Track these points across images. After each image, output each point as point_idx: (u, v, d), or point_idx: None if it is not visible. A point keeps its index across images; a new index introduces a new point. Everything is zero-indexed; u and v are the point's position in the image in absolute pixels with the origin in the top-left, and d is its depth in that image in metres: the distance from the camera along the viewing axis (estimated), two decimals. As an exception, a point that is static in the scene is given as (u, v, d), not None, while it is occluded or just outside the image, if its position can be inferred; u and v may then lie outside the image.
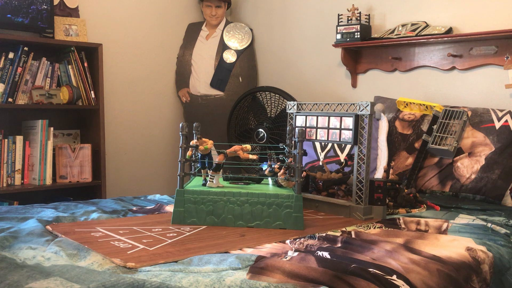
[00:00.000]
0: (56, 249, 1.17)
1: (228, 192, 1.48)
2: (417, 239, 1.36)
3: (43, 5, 2.82)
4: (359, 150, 1.63)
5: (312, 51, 3.24)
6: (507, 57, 2.37)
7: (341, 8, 2.93)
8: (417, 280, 1.09)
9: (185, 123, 1.54)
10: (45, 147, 2.79)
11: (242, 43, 3.51)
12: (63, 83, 2.95)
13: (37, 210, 1.63)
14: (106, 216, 1.58)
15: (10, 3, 2.71)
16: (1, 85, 2.69)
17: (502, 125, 2.13)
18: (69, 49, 2.91)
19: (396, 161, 2.29)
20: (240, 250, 1.22)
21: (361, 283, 1.01)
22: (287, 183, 1.56)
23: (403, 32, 2.62)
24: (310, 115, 1.78)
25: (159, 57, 3.40)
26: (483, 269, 1.27)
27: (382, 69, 2.87)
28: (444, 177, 2.15)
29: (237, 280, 0.96)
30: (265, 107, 3.14)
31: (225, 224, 1.47)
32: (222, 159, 1.53)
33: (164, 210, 1.71)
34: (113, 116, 3.17)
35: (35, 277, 0.95)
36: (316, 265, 1.09)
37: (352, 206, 1.64)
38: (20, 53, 2.73)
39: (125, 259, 1.10)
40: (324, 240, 1.34)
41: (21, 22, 2.76)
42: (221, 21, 3.51)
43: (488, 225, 1.55)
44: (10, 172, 2.72)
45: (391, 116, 2.45)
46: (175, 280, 0.96)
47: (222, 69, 3.42)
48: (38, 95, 2.79)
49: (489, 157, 2.08)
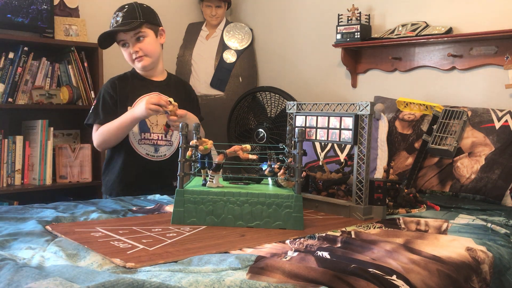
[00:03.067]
0: (56, 249, 1.17)
1: (228, 192, 1.48)
2: (417, 239, 1.36)
3: (43, 5, 2.82)
4: (359, 150, 1.63)
5: (312, 51, 3.24)
6: (507, 57, 2.37)
7: (341, 8, 2.93)
8: (417, 280, 1.09)
9: (185, 123, 1.54)
10: (45, 147, 2.79)
11: (242, 43, 3.51)
12: (63, 83, 2.95)
13: (36, 210, 1.63)
14: (106, 216, 1.58)
15: (10, 3, 2.71)
16: (1, 85, 2.69)
17: (502, 125, 2.13)
18: (69, 49, 2.91)
19: (396, 161, 2.29)
20: (240, 250, 1.22)
21: (361, 283, 1.01)
22: (287, 183, 1.56)
23: (403, 32, 2.62)
24: (310, 115, 1.78)
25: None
26: (483, 269, 1.27)
27: (382, 69, 2.87)
28: (444, 177, 2.15)
29: (237, 280, 0.96)
30: (265, 107, 3.14)
31: (225, 224, 1.47)
32: (222, 159, 1.53)
33: (164, 210, 1.71)
34: (113, 116, 3.16)
35: (34, 277, 0.95)
36: (316, 265, 1.09)
37: (352, 206, 1.64)
38: (20, 53, 2.73)
39: (125, 259, 1.10)
40: (324, 240, 1.34)
41: (21, 22, 2.76)
42: (221, 21, 3.51)
43: (488, 225, 1.55)
44: (10, 172, 2.72)
45: (391, 116, 2.45)
46: (174, 280, 0.96)
47: (222, 69, 3.42)
48: (38, 95, 2.79)
49: (489, 157, 2.08)
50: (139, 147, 2.14)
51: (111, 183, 2.20)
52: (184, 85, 2.36)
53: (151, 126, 2.16)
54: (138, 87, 2.18)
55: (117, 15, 2.11)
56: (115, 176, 2.18)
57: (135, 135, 2.14)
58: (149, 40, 2.13)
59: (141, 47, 2.12)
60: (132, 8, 2.11)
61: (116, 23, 2.09)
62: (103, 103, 2.15)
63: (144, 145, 2.15)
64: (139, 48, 2.11)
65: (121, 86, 2.17)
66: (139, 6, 2.14)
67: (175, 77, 2.36)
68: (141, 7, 2.13)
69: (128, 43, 2.12)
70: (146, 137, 2.15)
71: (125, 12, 2.10)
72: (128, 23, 2.07)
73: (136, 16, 2.10)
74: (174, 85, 2.27)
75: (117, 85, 2.17)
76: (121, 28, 2.07)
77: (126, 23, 2.07)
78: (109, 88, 2.16)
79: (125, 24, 2.07)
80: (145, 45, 2.12)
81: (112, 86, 2.17)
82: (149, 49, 2.13)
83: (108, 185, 2.22)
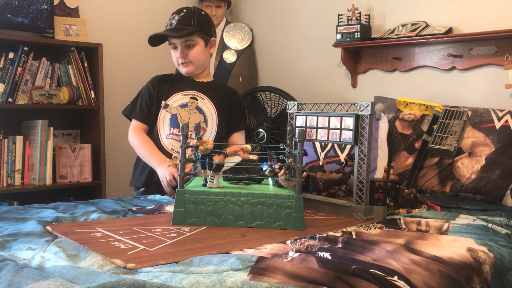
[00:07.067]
0: (56, 249, 1.17)
1: (229, 192, 1.48)
2: (418, 240, 1.36)
3: (43, 5, 2.82)
4: (359, 150, 1.63)
5: (312, 51, 3.24)
6: (507, 57, 2.37)
7: (341, 8, 2.93)
8: (418, 280, 1.09)
9: (185, 123, 1.54)
10: (45, 147, 2.79)
11: (242, 43, 3.51)
12: (63, 83, 2.95)
13: (36, 211, 1.63)
14: (106, 216, 1.57)
15: (10, 3, 2.71)
16: (1, 85, 2.69)
17: (502, 125, 2.12)
18: (69, 49, 2.91)
19: (396, 161, 2.29)
20: (241, 251, 1.22)
21: (362, 284, 1.01)
22: (287, 183, 1.56)
23: (403, 32, 2.62)
24: (310, 115, 1.78)
25: (159, 57, 3.39)
26: (484, 269, 1.27)
27: (382, 69, 2.87)
28: (444, 177, 2.14)
29: (238, 281, 0.96)
30: (265, 107, 3.14)
31: (225, 225, 1.47)
32: (222, 159, 1.53)
33: (164, 211, 1.71)
34: (113, 116, 3.16)
35: (35, 278, 0.94)
36: (317, 265, 1.09)
37: (352, 206, 1.64)
38: (20, 53, 2.73)
39: (126, 260, 1.10)
40: (324, 240, 1.34)
41: (21, 22, 2.76)
42: (221, 21, 3.50)
43: (489, 226, 1.55)
44: (10, 172, 2.71)
45: (391, 116, 2.45)
46: (175, 281, 0.96)
47: (222, 69, 3.42)
48: (38, 95, 2.79)
49: (489, 157, 2.07)
50: (166, 141, 2.17)
51: (137, 175, 2.25)
52: (229, 91, 2.36)
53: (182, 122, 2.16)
54: (178, 84, 2.23)
55: (173, 18, 2.14)
56: (141, 167, 2.22)
57: (165, 129, 2.17)
58: (198, 49, 2.17)
59: (188, 54, 2.16)
60: (189, 14, 2.13)
61: (171, 26, 2.12)
62: (141, 98, 2.23)
63: (171, 140, 2.16)
64: (187, 54, 2.15)
65: (162, 83, 2.23)
66: (196, 12, 2.16)
67: (220, 83, 2.38)
68: (198, 14, 2.15)
69: (177, 47, 2.15)
70: (174, 133, 2.16)
71: (182, 16, 2.12)
72: (181, 29, 2.11)
73: (190, 23, 2.12)
74: (217, 88, 2.29)
75: (158, 81, 2.24)
76: (173, 34, 2.11)
77: (179, 28, 2.11)
78: (150, 84, 2.24)
79: (178, 29, 2.10)
80: (193, 53, 2.16)
81: (154, 81, 2.25)
82: (196, 57, 2.17)
83: (135, 177, 2.27)
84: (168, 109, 2.17)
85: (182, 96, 2.19)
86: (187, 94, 2.20)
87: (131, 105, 2.25)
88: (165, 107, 2.17)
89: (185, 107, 2.17)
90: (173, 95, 2.19)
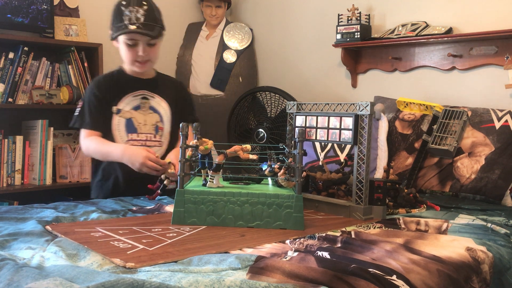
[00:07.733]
0: (56, 249, 1.17)
1: (228, 192, 1.48)
2: (417, 239, 1.36)
3: (43, 5, 2.82)
4: (359, 150, 1.63)
5: (312, 51, 3.24)
6: (507, 57, 2.37)
7: (341, 8, 2.93)
8: (417, 280, 1.09)
9: (185, 123, 1.54)
10: (45, 147, 2.79)
11: (242, 43, 3.51)
12: (63, 83, 2.95)
13: (36, 210, 1.63)
14: (106, 216, 1.58)
15: (10, 3, 2.71)
16: (1, 85, 2.69)
17: (502, 125, 2.13)
18: (69, 49, 2.91)
19: (396, 161, 2.29)
20: (240, 250, 1.22)
21: (361, 283, 1.01)
22: (287, 183, 1.56)
23: (403, 32, 2.62)
24: (310, 115, 1.78)
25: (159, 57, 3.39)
26: (483, 269, 1.27)
27: (382, 69, 2.87)
28: (444, 177, 2.15)
29: (237, 280, 0.96)
30: (265, 107, 3.14)
31: (225, 224, 1.47)
32: (222, 159, 1.53)
33: (164, 210, 1.71)
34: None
35: (34, 277, 0.95)
36: (316, 265, 1.09)
37: (352, 206, 1.64)
38: (20, 53, 2.73)
39: (125, 259, 1.10)
40: (324, 240, 1.34)
41: (21, 22, 2.76)
42: (221, 21, 3.51)
43: (488, 225, 1.55)
44: (10, 172, 2.72)
45: (391, 116, 2.45)
46: (174, 280, 0.96)
47: (222, 69, 3.42)
48: (38, 95, 2.79)
49: (489, 157, 2.07)
50: None
51: (100, 185, 2.12)
52: (174, 84, 2.26)
53: (139, 125, 2.05)
54: (124, 85, 2.08)
55: (136, 11, 1.94)
56: (101, 177, 2.10)
57: (122, 136, 2.03)
58: (158, 46, 2.06)
59: (150, 52, 2.02)
60: (151, 9, 1.98)
61: (137, 21, 1.93)
62: (88, 105, 2.05)
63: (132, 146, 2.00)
64: (148, 52, 2.01)
65: (107, 85, 2.08)
66: (154, 6, 2.01)
67: (164, 76, 2.24)
68: (155, 8, 2.02)
69: (139, 44, 1.99)
70: (133, 138, 2.04)
71: (147, 11, 1.96)
72: (152, 27, 1.96)
73: (156, 19, 1.99)
74: (163, 83, 2.17)
75: (102, 84, 2.08)
76: (149, 33, 1.95)
77: (149, 26, 1.96)
78: (93, 88, 2.07)
79: (149, 27, 1.95)
80: (154, 51, 2.04)
81: (97, 85, 2.08)
82: (156, 56, 2.07)
83: (97, 187, 2.14)
84: (121, 114, 2.03)
85: (133, 98, 2.05)
86: (137, 95, 2.07)
87: (80, 116, 2.05)
88: (118, 112, 2.03)
89: (138, 109, 2.05)
90: (122, 98, 2.04)
